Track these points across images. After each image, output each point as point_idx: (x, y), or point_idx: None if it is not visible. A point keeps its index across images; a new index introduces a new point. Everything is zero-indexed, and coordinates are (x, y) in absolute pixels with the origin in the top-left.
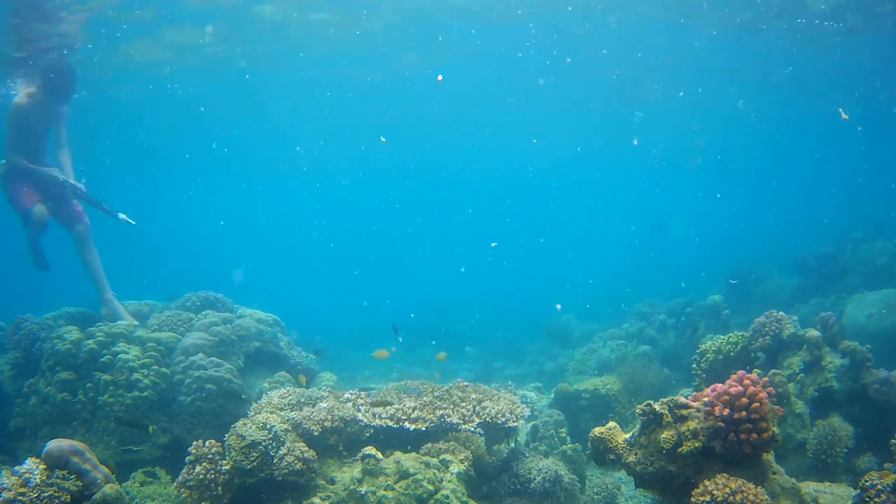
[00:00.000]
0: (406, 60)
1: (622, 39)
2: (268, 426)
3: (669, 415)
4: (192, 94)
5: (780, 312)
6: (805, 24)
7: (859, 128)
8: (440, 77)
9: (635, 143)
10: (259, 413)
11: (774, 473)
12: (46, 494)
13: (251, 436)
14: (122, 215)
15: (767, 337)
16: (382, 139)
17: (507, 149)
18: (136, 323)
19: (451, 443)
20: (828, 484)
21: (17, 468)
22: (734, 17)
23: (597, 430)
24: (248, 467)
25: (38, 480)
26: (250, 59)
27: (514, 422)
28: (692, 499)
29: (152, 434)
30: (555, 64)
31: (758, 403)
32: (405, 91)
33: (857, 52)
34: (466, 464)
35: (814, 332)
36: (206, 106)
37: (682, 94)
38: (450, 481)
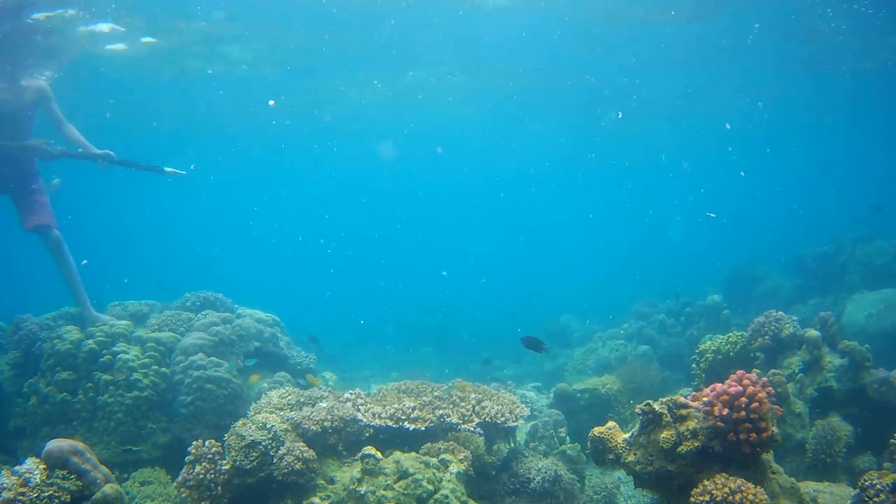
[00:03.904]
0: (406, 62)
1: (622, 39)
2: (267, 426)
3: (669, 414)
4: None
5: (780, 312)
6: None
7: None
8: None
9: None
10: (259, 413)
11: (774, 473)
12: (46, 494)
13: (251, 436)
14: (169, 169)
15: (767, 337)
16: (271, 103)
17: (506, 149)
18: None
19: (451, 443)
20: (827, 484)
21: (17, 468)
22: (731, 14)
23: (596, 430)
24: (248, 467)
25: (38, 480)
26: (252, 58)
27: (513, 422)
28: (691, 498)
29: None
30: (555, 63)
31: (757, 403)
32: (403, 90)
33: (853, 48)
34: (466, 463)
35: (813, 332)
36: (203, 105)
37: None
38: (449, 481)
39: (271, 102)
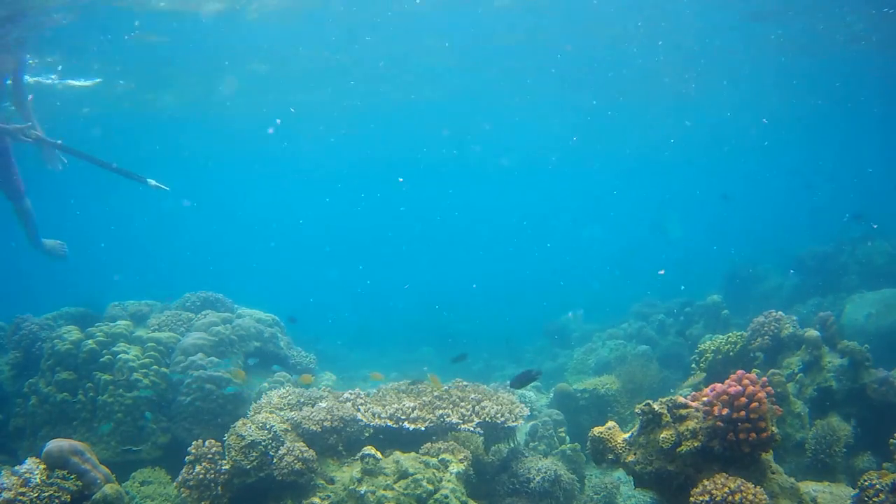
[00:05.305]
0: (404, 55)
1: (620, 39)
2: (267, 426)
3: (668, 414)
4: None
5: (779, 312)
6: (806, 23)
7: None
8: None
9: None
10: (258, 413)
11: (773, 473)
12: (46, 494)
13: (251, 435)
14: (152, 182)
15: (766, 337)
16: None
17: (507, 149)
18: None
19: (451, 442)
20: (827, 483)
21: (17, 468)
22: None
23: (596, 430)
24: (248, 467)
25: (38, 480)
26: (249, 55)
27: (513, 421)
28: (691, 498)
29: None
30: (554, 61)
31: (757, 403)
32: (404, 90)
33: (855, 47)
34: (466, 463)
35: (813, 332)
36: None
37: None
38: (449, 481)
39: (278, 121)
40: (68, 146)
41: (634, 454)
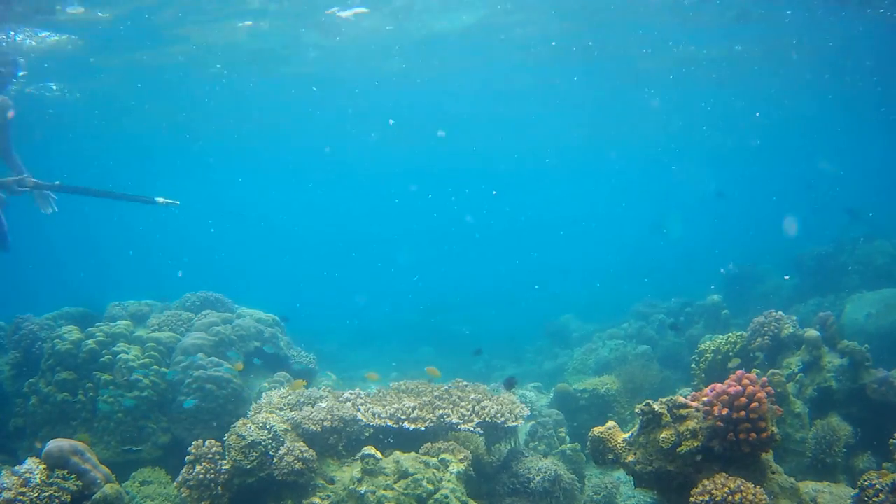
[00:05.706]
0: (411, 58)
1: (620, 37)
2: (267, 426)
3: (668, 414)
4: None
5: (779, 312)
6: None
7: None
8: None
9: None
10: (259, 413)
11: (773, 473)
12: (47, 494)
13: (251, 436)
14: (160, 199)
15: (766, 337)
16: (391, 121)
17: (507, 148)
18: None
19: (451, 442)
20: (826, 483)
21: (17, 468)
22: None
23: (596, 430)
24: (248, 467)
25: (38, 480)
26: (259, 55)
27: (513, 421)
28: (691, 498)
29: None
30: (553, 60)
31: (757, 403)
32: (407, 89)
33: (854, 46)
34: (466, 463)
35: (813, 332)
36: (206, 102)
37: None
38: (449, 481)
39: (391, 121)
40: (67, 185)
41: (634, 454)
